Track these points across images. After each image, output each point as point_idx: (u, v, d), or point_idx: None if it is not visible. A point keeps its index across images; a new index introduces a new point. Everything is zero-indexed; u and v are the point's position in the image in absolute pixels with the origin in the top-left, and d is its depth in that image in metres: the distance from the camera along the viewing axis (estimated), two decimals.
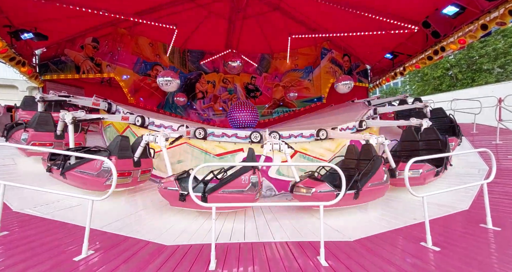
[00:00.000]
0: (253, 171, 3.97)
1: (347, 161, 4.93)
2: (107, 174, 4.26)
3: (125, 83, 10.64)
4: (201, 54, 13.30)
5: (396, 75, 11.11)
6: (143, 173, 4.90)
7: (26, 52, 8.42)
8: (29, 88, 20.51)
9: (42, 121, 5.59)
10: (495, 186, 4.59)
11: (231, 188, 3.88)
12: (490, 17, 6.37)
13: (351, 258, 2.68)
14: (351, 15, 8.52)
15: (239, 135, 6.05)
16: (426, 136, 5.55)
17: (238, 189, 3.89)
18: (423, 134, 5.64)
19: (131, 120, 6.45)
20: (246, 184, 3.90)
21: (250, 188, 3.89)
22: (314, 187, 4.03)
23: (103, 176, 4.27)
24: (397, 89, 31.90)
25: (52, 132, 5.58)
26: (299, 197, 4.25)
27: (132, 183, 4.73)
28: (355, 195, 4.01)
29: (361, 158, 4.66)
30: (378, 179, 4.19)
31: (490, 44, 19.20)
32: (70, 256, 2.55)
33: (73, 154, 3.60)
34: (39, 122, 5.55)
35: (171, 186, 4.03)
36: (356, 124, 6.75)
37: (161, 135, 4.68)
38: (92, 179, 4.30)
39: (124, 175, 4.50)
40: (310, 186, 4.09)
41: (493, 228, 3.28)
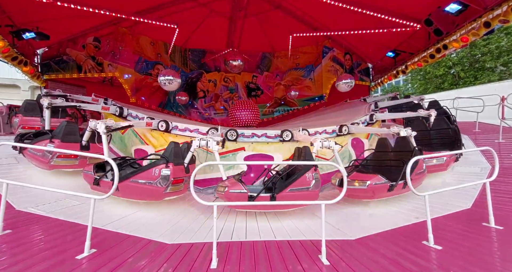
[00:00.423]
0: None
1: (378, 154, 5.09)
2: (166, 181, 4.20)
3: (127, 82, 10.66)
4: (202, 53, 13.29)
5: (398, 74, 11.05)
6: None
7: (28, 52, 8.44)
8: (31, 88, 20.59)
9: (29, 108, 6.24)
10: (498, 184, 4.56)
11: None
12: (493, 14, 6.30)
13: (352, 256, 2.68)
14: (352, 13, 8.47)
15: (200, 130, 6.13)
16: (400, 146, 4.99)
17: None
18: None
19: (154, 126, 6.26)
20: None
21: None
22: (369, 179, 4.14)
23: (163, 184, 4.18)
24: (399, 87, 31.75)
25: (39, 117, 6.18)
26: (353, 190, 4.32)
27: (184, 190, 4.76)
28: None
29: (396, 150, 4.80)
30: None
31: (493, 42, 19.03)
32: (73, 254, 2.57)
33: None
34: (27, 109, 6.22)
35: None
36: (336, 129, 6.51)
37: (102, 122, 4.60)
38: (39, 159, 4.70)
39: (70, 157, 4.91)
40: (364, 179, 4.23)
41: (496, 227, 3.27)
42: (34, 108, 6.45)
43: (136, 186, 4.07)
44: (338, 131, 6.52)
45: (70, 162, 5.03)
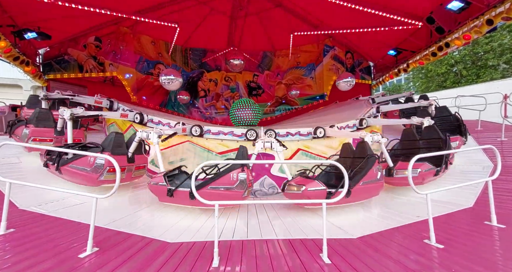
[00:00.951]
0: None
1: (342, 160, 4.89)
2: (100, 169, 4.36)
3: (128, 82, 10.68)
4: (203, 52, 13.29)
5: (399, 72, 11.00)
6: (137, 169, 4.98)
7: (30, 52, 8.48)
8: (33, 88, 20.67)
9: (42, 118, 5.74)
10: (500, 183, 4.55)
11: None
12: (495, 12, 6.26)
13: (354, 255, 2.68)
14: (353, 11, 8.43)
15: (235, 133, 6.08)
16: (427, 135, 5.45)
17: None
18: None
19: (130, 118, 6.49)
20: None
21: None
22: (305, 185, 4.02)
23: (97, 172, 4.37)
24: (401, 86, 31.60)
25: (52, 128, 5.72)
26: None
27: (127, 178, 4.82)
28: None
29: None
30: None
31: (495, 39, 18.88)
32: (75, 253, 2.59)
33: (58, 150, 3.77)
34: (39, 118, 5.70)
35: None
36: (356, 123, 6.68)
37: (154, 132, 4.69)
38: (86, 175, 4.41)
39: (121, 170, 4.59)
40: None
41: (498, 225, 3.25)
42: (47, 118, 5.82)
43: (75, 171, 4.20)
44: (358, 125, 6.67)
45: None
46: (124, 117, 6.53)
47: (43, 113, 5.82)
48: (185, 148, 6.13)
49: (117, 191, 2.91)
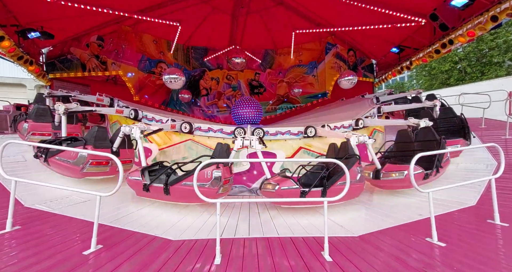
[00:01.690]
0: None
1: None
2: (82, 161, 4.56)
3: (130, 81, 10.73)
4: (205, 51, 13.27)
5: (402, 70, 10.90)
6: (123, 163, 4.97)
7: (33, 51, 8.54)
8: (37, 87, 20.84)
9: (40, 113, 6.11)
10: (504, 181, 4.51)
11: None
12: (500, 8, 6.16)
13: (355, 253, 2.69)
14: (356, 8, 8.36)
15: (224, 130, 6.10)
16: (422, 136, 5.27)
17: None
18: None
19: (125, 114, 6.60)
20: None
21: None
22: (279, 183, 4.02)
23: (79, 164, 4.57)
24: (404, 84, 31.34)
25: (50, 123, 6.06)
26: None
27: (111, 172, 4.96)
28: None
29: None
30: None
31: (500, 36, 18.60)
32: (80, 250, 2.63)
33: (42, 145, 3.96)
34: (38, 114, 6.08)
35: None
36: (352, 123, 6.54)
37: (137, 127, 4.73)
38: (69, 166, 4.63)
39: (102, 164, 4.77)
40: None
41: (501, 224, 3.24)
42: (45, 113, 6.19)
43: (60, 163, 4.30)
44: (354, 125, 6.55)
45: (102, 169, 4.87)
46: (119, 113, 6.66)
47: (41, 109, 6.20)
48: (187, 146, 6.16)
49: (120, 189, 2.93)
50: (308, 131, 6.03)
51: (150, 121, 6.75)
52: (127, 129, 4.76)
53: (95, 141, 4.79)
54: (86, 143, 4.73)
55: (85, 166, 4.61)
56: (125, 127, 4.78)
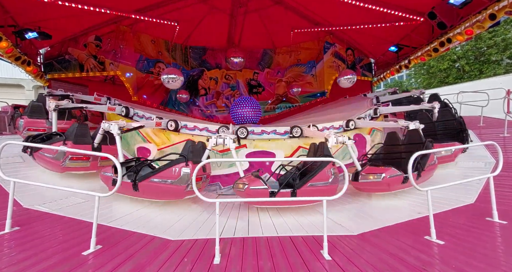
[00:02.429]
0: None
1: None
2: (62, 156, 4.72)
3: (128, 81, 10.69)
4: (203, 50, 13.25)
5: (401, 68, 10.90)
6: (104, 159, 5.20)
7: (31, 52, 8.50)
8: (35, 87, 20.76)
9: (35, 110, 6.40)
10: (502, 179, 4.53)
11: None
12: (499, 6, 6.16)
13: (354, 252, 2.69)
14: (354, 7, 8.35)
15: (209, 129, 6.11)
16: (410, 139, 5.09)
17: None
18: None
19: (117, 111, 6.67)
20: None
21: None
22: (248, 183, 4.03)
23: (59, 159, 4.75)
24: (402, 82, 31.37)
25: (45, 119, 6.33)
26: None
27: (92, 167, 5.12)
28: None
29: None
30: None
31: (499, 34, 18.63)
32: (79, 251, 2.63)
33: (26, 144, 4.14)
34: (32, 111, 6.38)
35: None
36: (343, 124, 6.46)
37: (116, 123, 4.74)
38: (50, 161, 4.79)
39: (82, 159, 4.93)
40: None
41: (499, 222, 3.25)
42: (39, 110, 6.47)
43: (157, 185, 4.14)
44: (345, 126, 6.50)
45: (82, 164, 5.05)
46: (111, 111, 6.74)
47: (35, 106, 6.45)
48: None
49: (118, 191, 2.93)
50: (293, 131, 5.99)
51: (141, 118, 6.85)
52: (105, 125, 4.80)
53: (75, 137, 4.98)
54: (66, 139, 4.94)
55: (65, 161, 4.78)
56: (104, 124, 4.83)
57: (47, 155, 4.82)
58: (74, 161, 4.87)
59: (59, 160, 4.78)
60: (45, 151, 4.80)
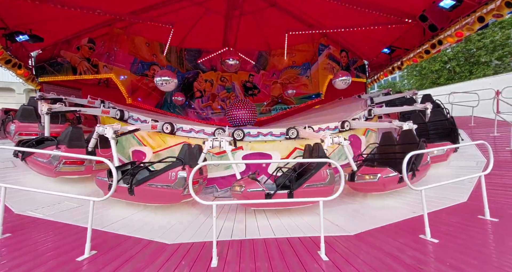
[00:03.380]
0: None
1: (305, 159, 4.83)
2: (56, 161, 4.67)
3: (122, 83, 10.60)
4: (198, 52, 13.24)
5: (393, 70, 11.08)
6: (99, 163, 5.17)
7: (22, 54, 8.35)
8: (26, 91, 20.40)
9: (26, 114, 6.26)
10: (493, 177, 4.63)
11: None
12: (487, 9, 6.34)
13: (351, 252, 2.71)
14: (347, 10, 8.48)
15: (206, 131, 6.10)
16: (404, 139, 5.14)
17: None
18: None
19: (111, 114, 6.64)
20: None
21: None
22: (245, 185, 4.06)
23: (52, 163, 4.70)
24: (395, 83, 31.86)
25: (37, 123, 6.21)
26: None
27: (86, 171, 5.08)
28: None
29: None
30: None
31: (487, 36, 19.13)
32: (73, 257, 2.58)
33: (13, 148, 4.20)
34: (24, 115, 6.24)
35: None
36: (338, 125, 6.53)
37: (110, 127, 4.71)
38: (43, 166, 4.73)
39: (76, 163, 4.89)
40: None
41: (491, 219, 3.32)
42: (31, 114, 6.34)
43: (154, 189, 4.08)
44: (340, 127, 6.56)
45: (76, 168, 4.98)
46: (106, 114, 6.68)
47: (27, 110, 6.31)
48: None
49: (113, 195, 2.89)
50: (290, 132, 6.02)
51: (136, 121, 6.82)
52: (100, 129, 4.77)
53: (69, 140, 4.92)
54: (59, 143, 4.88)
55: (59, 165, 4.72)
56: (98, 127, 4.80)
57: (40, 159, 4.73)
58: (68, 165, 4.81)
59: (52, 165, 4.69)
60: (38, 155, 4.72)
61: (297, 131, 6.04)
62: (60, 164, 4.73)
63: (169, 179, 4.01)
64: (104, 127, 4.69)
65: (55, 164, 4.69)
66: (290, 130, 6.02)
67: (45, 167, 4.75)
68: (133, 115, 6.91)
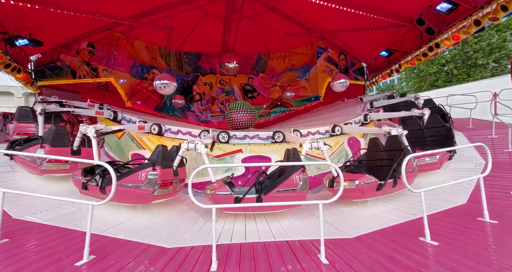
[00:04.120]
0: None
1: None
2: (39, 159, 4.75)
3: (122, 87, 10.62)
4: (198, 56, 13.30)
5: (392, 73, 11.16)
6: None
7: (21, 59, 8.37)
8: (25, 95, 20.39)
9: (23, 115, 6.52)
10: (492, 179, 4.64)
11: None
12: (483, 12, 6.42)
13: (351, 255, 2.71)
14: (345, 13, 8.56)
15: (193, 133, 6.14)
16: (390, 146, 5.06)
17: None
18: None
19: (105, 115, 6.75)
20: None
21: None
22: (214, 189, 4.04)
23: (36, 162, 4.80)
24: (393, 86, 32.03)
25: (33, 123, 6.42)
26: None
27: (71, 169, 5.07)
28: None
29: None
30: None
31: (484, 39, 19.33)
32: (72, 262, 2.56)
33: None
34: (21, 115, 6.51)
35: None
36: (329, 129, 6.51)
37: (92, 126, 4.70)
38: (29, 164, 4.83)
39: (61, 162, 4.96)
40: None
41: (490, 221, 3.32)
42: (27, 114, 6.55)
43: (124, 189, 4.04)
44: (331, 132, 6.54)
45: (61, 166, 5.04)
46: (99, 115, 6.78)
47: (23, 111, 6.57)
48: None
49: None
50: (276, 136, 6.02)
51: (129, 122, 6.94)
52: (83, 128, 4.80)
53: (52, 139, 4.98)
54: (43, 142, 4.94)
55: (43, 164, 4.78)
56: (81, 127, 4.83)
57: (26, 158, 4.85)
58: (52, 163, 4.89)
59: (37, 163, 4.78)
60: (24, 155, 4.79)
61: (283, 135, 6.03)
62: (45, 162, 4.80)
63: (139, 179, 4.05)
64: (86, 127, 4.71)
65: (39, 162, 4.77)
66: (276, 134, 6.03)
67: (30, 165, 4.86)
68: (125, 116, 7.03)
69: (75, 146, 5.21)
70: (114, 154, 6.99)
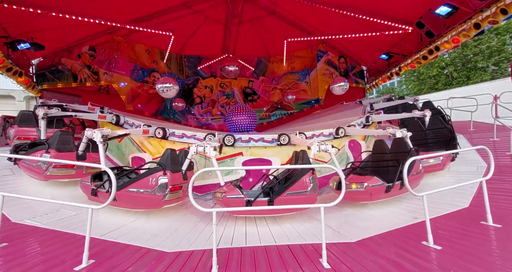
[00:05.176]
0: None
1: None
2: (45, 164, 4.69)
3: (123, 90, 10.66)
4: (198, 59, 13.37)
5: (392, 76, 11.19)
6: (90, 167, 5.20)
7: (23, 62, 8.43)
8: (26, 98, 20.47)
9: (24, 119, 6.46)
10: (494, 182, 4.60)
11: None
12: (482, 16, 6.44)
13: (353, 259, 2.67)
14: (345, 17, 8.61)
15: (197, 137, 6.11)
16: (396, 148, 5.04)
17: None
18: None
19: (108, 119, 6.72)
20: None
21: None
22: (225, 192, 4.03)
23: (42, 167, 4.73)
24: (393, 89, 32.08)
25: (35, 127, 6.38)
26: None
27: (77, 175, 5.08)
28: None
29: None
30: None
31: (484, 42, 19.40)
32: (71, 266, 2.53)
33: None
34: (22, 119, 6.46)
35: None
36: (333, 132, 6.50)
37: (99, 131, 4.71)
38: (34, 169, 4.77)
39: (67, 167, 4.92)
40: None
41: (494, 225, 3.28)
42: (29, 119, 6.50)
43: (134, 195, 4.03)
44: (335, 134, 6.53)
45: (66, 172, 4.99)
46: (102, 119, 6.75)
47: (25, 115, 6.50)
48: None
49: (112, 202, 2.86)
50: (281, 139, 6.02)
51: (131, 126, 6.87)
52: (89, 133, 4.78)
53: (58, 144, 4.92)
54: (49, 147, 4.88)
55: (48, 169, 4.71)
56: (87, 131, 4.82)
57: (30, 163, 4.79)
58: (58, 169, 4.83)
59: (42, 168, 4.71)
60: (28, 159, 4.77)
61: (288, 137, 6.04)
62: (50, 168, 4.74)
63: (149, 184, 4.01)
64: (93, 131, 4.70)
65: (45, 167, 4.71)
66: (281, 137, 6.03)
67: (35, 170, 4.77)
68: (128, 120, 6.99)
69: (80, 150, 5.18)
70: (115, 157, 6.98)
